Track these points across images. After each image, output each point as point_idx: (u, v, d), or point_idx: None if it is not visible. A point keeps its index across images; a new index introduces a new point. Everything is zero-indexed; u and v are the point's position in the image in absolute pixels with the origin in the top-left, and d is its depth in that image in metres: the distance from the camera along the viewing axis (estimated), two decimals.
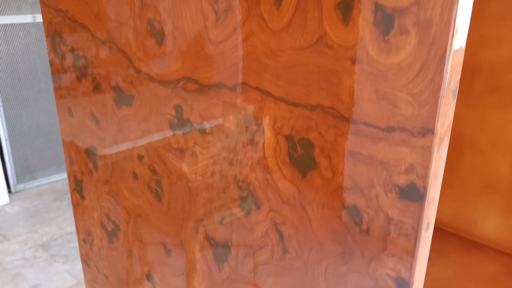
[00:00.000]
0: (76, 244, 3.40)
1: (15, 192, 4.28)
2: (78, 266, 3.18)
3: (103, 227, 0.83)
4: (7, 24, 3.49)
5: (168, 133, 0.58)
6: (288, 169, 0.44)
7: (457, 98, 1.37)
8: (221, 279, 0.58)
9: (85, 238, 0.92)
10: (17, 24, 3.58)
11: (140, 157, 0.65)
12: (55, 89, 0.81)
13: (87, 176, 0.81)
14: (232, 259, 0.55)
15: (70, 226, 3.70)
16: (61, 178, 4.58)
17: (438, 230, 1.48)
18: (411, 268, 0.36)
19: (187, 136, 0.55)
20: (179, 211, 0.62)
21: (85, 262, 0.95)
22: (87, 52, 0.67)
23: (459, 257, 1.34)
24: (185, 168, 0.57)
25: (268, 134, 0.45)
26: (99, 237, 0.86)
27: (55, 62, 0.77)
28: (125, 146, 0.68)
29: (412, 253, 0.36)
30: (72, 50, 0.71)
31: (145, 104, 0.60)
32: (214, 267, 0.59)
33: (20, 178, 4.31)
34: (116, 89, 0.65)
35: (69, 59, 0.73)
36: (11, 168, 4.17)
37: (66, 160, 0.87)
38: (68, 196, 4.16)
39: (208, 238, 0.58)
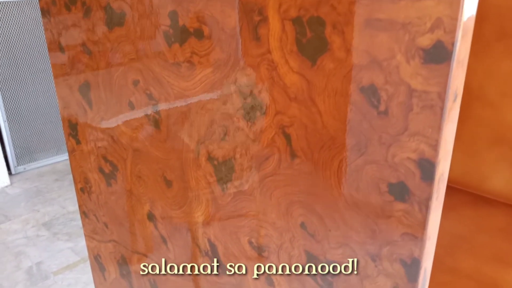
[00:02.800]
0: (79, 222, 3.38)
1: (16, 174, 4.25)
2: (82, 243, 3.16)
3: (101, 170, 0.79)
4: (0, 2, 3.42)
5: (164, 47, 0.54)
6: (295, 59, 0.40)
7: None
8: (225, 202, 0.55)
9: (82, 187, 0.88)
10: (10, 2, 3.51)
11: (136, 82, 0.61)
12: (45, 25, 0.76)
13: (82, 116, 0.78)
14: (237, 178, 0.52)
15: (72, 205, 3.68)
16: (61, 159, 4.56)
17: (446, 187, 1.44)
18: (436, 146, 0.33)
19: (184, 46, 0.51)
20: (179, 136, 0.58)
21: (84, 213, 0.92)
22: None
23: (468, 211, 1.31)
24: (183, 84, 0.53)
25: (273, 22, 0.41)
26: (97, 182, 0.82)
27: None
28: (119, 72, 0.63)
29: (438, 127, 0.32)
30: None
31: (137, 20, 0.56)
32: (217, 191, 0.55)
33: (20, 159, 4.27)
34: (107, 9, 0.60)
35: None
36: (10, 149, 4.13)
37: (60, 104, 0.83)
38: (70, 176, 4.14)
39: (210, 159, 0.54)
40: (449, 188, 1.42)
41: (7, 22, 3.51)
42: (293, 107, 0.42)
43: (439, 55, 0.31)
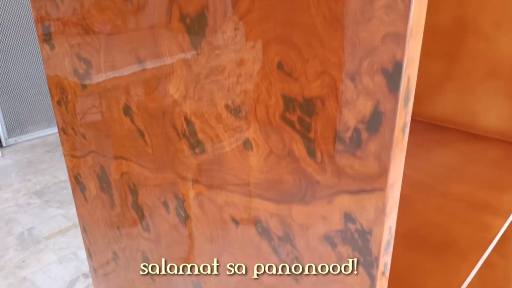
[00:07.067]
0: (70, 190, 3.35)
1: (7, 146, 4.21)
2: (73, 210, 3.15)
3: (76, 72, 0.75)
4: None
5: None
6: None
7: None
8: (199, 67, 0.51)
9: (59, 99, 0.84)
10: None
11: None
12: None
13: (55, 13, 0.73)
14: (210, 32, 0.48)
15: (64, 175, 3.65)
16: (53, 132, 4.51)
17: (437, 127, 1.42)
18: None
19: None
20: (150, 2, 0.54)
21: (62, 129, 0.88)
22: None
23: (461, 146, 1.28)
24: None
25: None
26: (72, 89, 0.78)
27: None
28: None
29: None
30: None
31: None
32: (191, 54, 0.52)
33: (11, 132, 4.23)
34: None
35: None
36: (1, 122, 4.08)
37: (32, 5, 0.78)
38: (61, 148, 4.09)
39: (182, 18, 0.51)
40: (441, 128, 1.39)
41: None
42: None
43: None
